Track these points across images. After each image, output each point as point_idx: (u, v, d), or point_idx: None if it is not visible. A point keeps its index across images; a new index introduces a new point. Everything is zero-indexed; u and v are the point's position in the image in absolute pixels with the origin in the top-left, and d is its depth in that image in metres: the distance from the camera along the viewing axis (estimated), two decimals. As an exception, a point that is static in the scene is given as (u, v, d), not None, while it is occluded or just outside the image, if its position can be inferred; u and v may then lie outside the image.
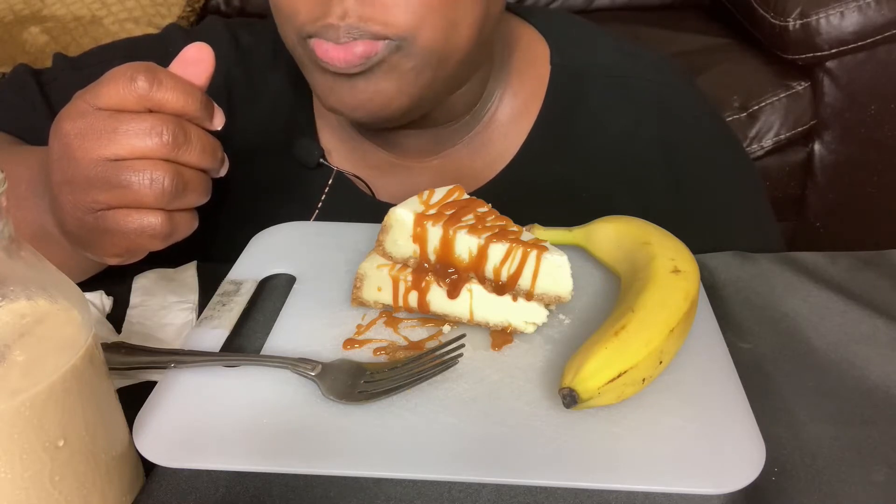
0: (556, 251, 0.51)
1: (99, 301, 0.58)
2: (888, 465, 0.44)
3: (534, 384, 0.48)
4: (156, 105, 0.45)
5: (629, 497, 0.41)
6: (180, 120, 0.46)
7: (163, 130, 0.45)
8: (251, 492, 0.42)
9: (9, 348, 0.35)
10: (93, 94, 0.46)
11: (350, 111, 0.60)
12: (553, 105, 0.71)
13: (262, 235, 0.65)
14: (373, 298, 0.55)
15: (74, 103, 0.47)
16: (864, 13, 1.45)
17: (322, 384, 0.47)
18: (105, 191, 0.45)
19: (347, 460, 0.43)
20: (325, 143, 0.73)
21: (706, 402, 0.46)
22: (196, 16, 1.85)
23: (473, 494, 0.42)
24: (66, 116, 0.47)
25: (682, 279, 0.51)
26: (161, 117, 0.45)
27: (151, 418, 0.46)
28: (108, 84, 0.45)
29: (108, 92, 0.45)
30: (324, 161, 0.72)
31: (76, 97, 0.47)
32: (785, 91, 1.51)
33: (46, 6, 1.70)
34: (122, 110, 0.45)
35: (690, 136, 0.73)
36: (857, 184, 1.59)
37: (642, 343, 0.46)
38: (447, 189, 0.55)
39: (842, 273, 0.61)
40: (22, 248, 0.36)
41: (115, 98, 0.45)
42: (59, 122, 0.47)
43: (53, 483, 0.36)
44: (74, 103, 0.47)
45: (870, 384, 0.50)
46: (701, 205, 0.73)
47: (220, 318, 0.54)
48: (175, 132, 0.45)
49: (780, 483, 0.43)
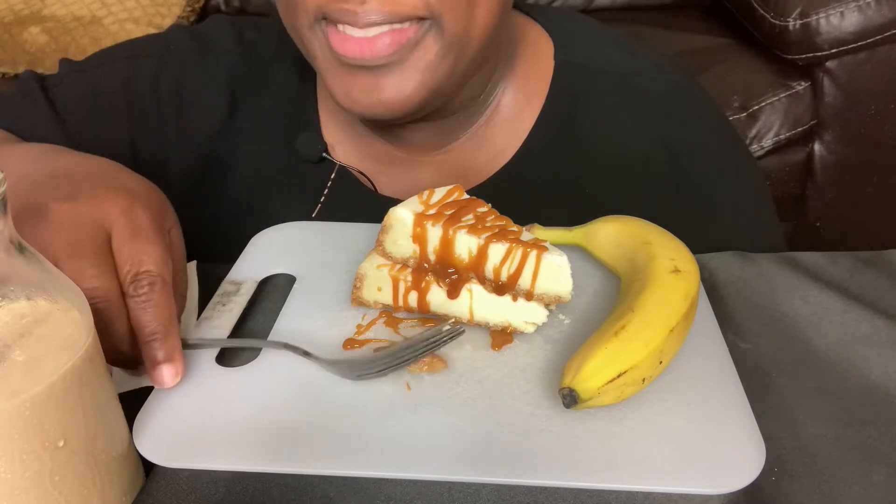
0: (556, 251, 0.51)
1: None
2: (888, 465, 0.44)
3: (534, 384, 0.48)
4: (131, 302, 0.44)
5: (629, 497, 0.41)
6: (116, 317, 0.44)
7: (93, 301, 0.42)
8: (251, 492, 0.42)
9: (9, 348, 0.35)
10: (113, 223, 0.45)
11: (368, 109, 0.57)
12: (556, 101, 0.71)
13: (262, 235, 0.65)
14: (373, 298, 0.55)
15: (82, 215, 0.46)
16: (864, 13, 1.45)
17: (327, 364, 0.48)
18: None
19: (347, 460, 0.43)
20: (329, 138, 0.73)
21: (706, 402, 0.46)
22: (196, 16, 1.85)
23: (473, 494, 0.42)
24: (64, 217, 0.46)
25: (682, 279, 0.51)
26: (106, 296, 0.43)
27: (151, 418, 0.46)
28: (142, 247, 0.45)
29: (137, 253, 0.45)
30: (326, 156, 0.72)
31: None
32: (785, 91, 1.51)
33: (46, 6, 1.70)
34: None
35: (694, 135, 0.73)
36: (857, 184, 1.59)
37: (642, 343, 0.46)
38: (447, 189, 0.55)
39: (842, 273, 0.61)
40: (22, 248, 0.36)
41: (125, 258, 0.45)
42: (53, 202, 0.46)
43: (53, 483, 0.36)
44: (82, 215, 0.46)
45: (870, 384, 0.50)
46: (703, 204, 0.73)
47: (220, 318, 0.54)
48: (98, 313, 0.42)
49: (780, 483, 0.43)
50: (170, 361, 0.46)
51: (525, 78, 0.72)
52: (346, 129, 0.73)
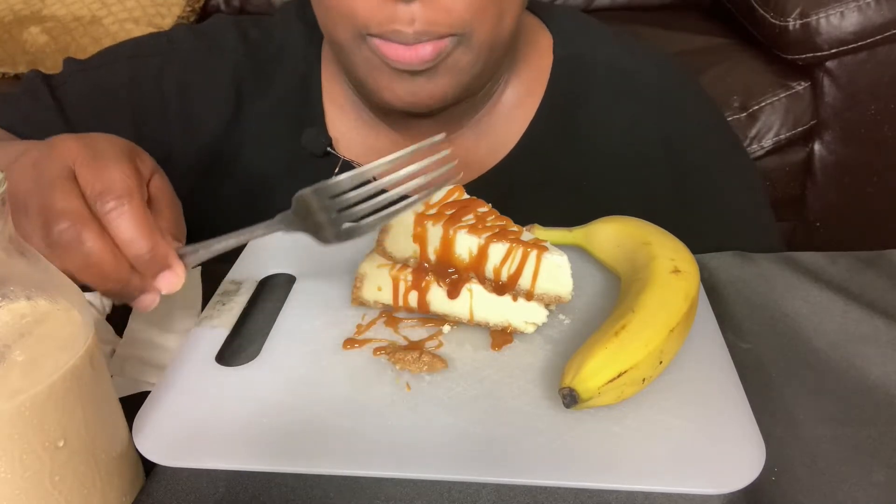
0: (556, 251, 0.51)
1: (98, 302, 0.58)
2: (888, 465, 0.44)
3: (534, 384, 0.48)
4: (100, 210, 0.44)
5: (629, 497, 0.41)
6: (83, 230, 0.43)
7: (57, 224, 0.42)
8: (251, 492, 0.42)
9: (9, 348, 0.35)
10: (77, 158, 0.45)
11: (408, 106, 0.63)
12: (555, 93, 0.73)
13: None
14: (373, 298, 0.55)
15: (70, 147, 0.46)
16: (864, 13, 1.45)
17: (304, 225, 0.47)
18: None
19: (347, 460, 0.43)
20: (334, 132, 0.75)
21: (706, 402, 0.46)
22: (196, 16, 1.85)
23: (473, 494, 0.42)
24: (57, 146, 0.46)
25: (682, 279, 0.51)
26: (70, 213, 0.43)
27: (151, 418, 0.46)
28: (107, 170, 0.45)
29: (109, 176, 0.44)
30: (331, 150, 0.73)
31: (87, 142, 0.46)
32: (785, 91, 1.51)
33: (46, 6, 1.70)
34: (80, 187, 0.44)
35: (692, 132, 0.74)
36: (857, 184, 1.59)
37: (642, 343, 0.46)
38: (447, 189, 0.55)
39: (842, 273, 0.61)
40: (22, 249, 0.36)
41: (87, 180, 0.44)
42: (51, 146, 0.47)
43: (53, 483, 0.36)
44: (70, 147, 0.46)
45: (870, 384, 0.50)
46: (702, 200, 0.74)
47: (220, 317, 0.54)
48: (63, 233, 0.42)
49: (780, 483, 0.43)
50: (166, 267, 0.45)
51: (527, 69, 0.73)
52: (351, 121, 0.75)
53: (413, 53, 0.57)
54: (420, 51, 0.57)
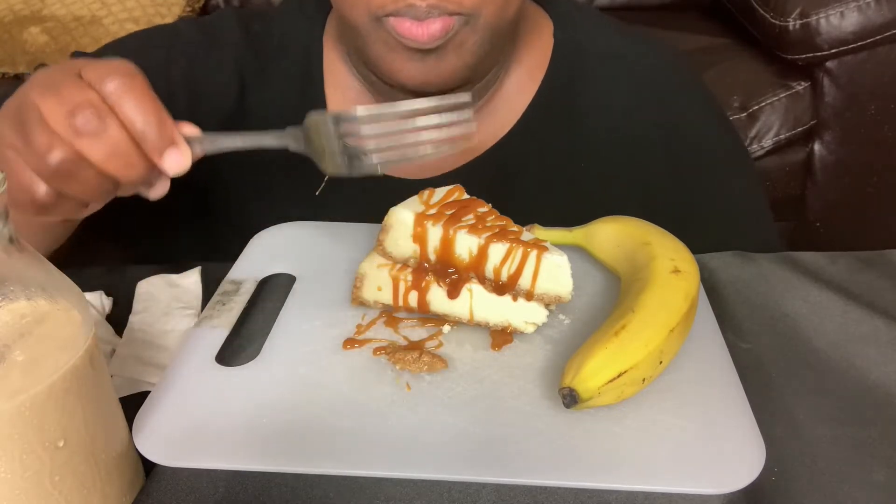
0: (556, 251, 0.51)
1: (98, 302, 0.58)
2: (888, 465, 0.44)
3: (534, 384, 0.48)
4: (110, 103, 0.45)
5: (629, 497, 0.41)
6: (106, 116, 0.45)
7: (81, 112, 0.44)
8: (251, 492, 0.42)
9: (9, 348, 0.35)
10: (78, 65, 0.47)
11: (420, 85, 0.65)
12: (555, 77, 0.74)
13: (262, 235, 0.65)
14: (373, 298, 0.55)
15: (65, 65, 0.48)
16: (864, 13, 1.45)
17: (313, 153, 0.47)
18: (13, 129, 0.46)
19: (347, 460, 0.43)
20: None
21: (706, 402, 0.46)
22: (196, 16, 1.85)
23: (473, 494, 0.42)
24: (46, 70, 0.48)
25: (682, 279, 0.51)
26: (90, 102, 0.45)
27: (151, 418, 0.46)
28: (98, 66, 0.46)
29: (93, 69, 0.46)
30: None
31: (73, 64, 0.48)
32: (785, 91, 1.51)
33: (46, 6, 1.70)
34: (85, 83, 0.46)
35: (690, 121, 0.75)
36: (857, 184, 1.59)
37: (642, 343, 0.46)
38: (447, 189, 0.55)
39: (842, 273, 0.61)
40: (22, 248, 0.36)
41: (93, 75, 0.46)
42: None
43: (53, 483, 0.36)
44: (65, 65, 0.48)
45: (870, 384, 0.50)
46: (699, 189, 0.75)
47: (220, 317, 0.54)
48: (90, 120, 0.44)
49: (780, 483, 0.43)
50: (171, 145, 0.47)
51: (528, 53, 0.74)
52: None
53: (424, 30, 0.60)
54: (430, 27, 0.60)
